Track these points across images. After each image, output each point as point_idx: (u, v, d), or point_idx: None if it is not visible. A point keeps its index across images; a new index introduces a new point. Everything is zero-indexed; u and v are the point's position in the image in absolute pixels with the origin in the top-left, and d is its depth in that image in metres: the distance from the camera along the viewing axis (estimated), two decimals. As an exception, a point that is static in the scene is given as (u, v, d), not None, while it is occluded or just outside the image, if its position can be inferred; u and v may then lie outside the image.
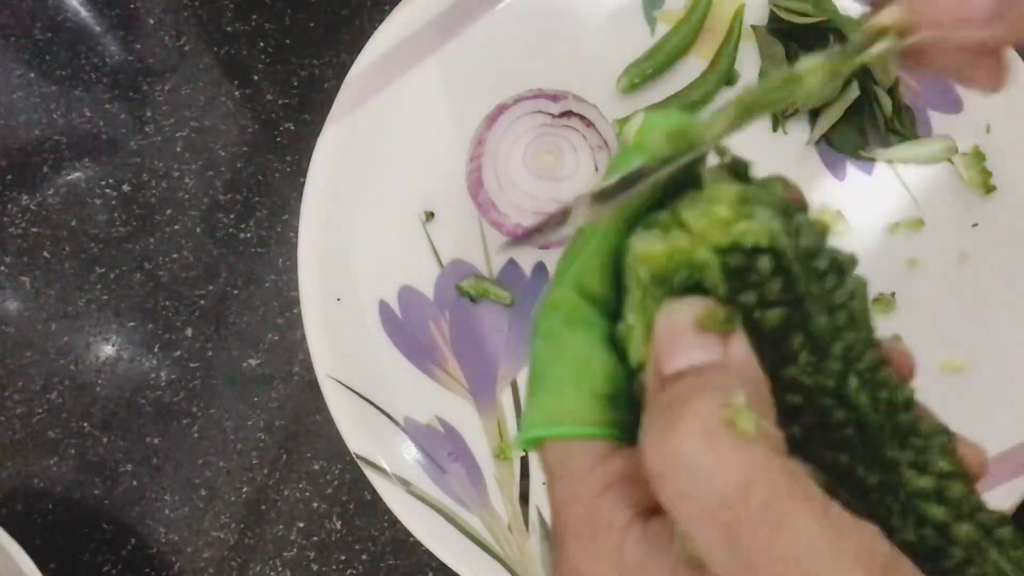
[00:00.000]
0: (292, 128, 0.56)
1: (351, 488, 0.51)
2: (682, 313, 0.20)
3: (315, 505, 0.51)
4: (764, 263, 0.20)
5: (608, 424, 0.21)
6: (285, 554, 0.50)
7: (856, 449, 0.21)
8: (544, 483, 0.23)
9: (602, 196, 0.22)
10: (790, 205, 0.22)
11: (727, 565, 0.17)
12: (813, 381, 0.20)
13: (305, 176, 0.50)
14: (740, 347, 0.20)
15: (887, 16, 0.24)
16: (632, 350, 0.21)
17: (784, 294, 0.20)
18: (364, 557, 0.51)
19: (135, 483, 0.51)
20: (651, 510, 0.20)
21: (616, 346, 0.22)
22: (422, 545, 0.46)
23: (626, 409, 0.22)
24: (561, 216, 0.22)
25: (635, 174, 0.22)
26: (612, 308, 0.23)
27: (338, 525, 0.51)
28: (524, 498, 0.48)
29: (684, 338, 0.20)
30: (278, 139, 0.56)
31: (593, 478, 0.20)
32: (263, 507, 0.51)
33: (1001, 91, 0.27)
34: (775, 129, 0.53)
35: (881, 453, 0.21)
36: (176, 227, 0.55)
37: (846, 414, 0.21)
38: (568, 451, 0.21)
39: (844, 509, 0.17)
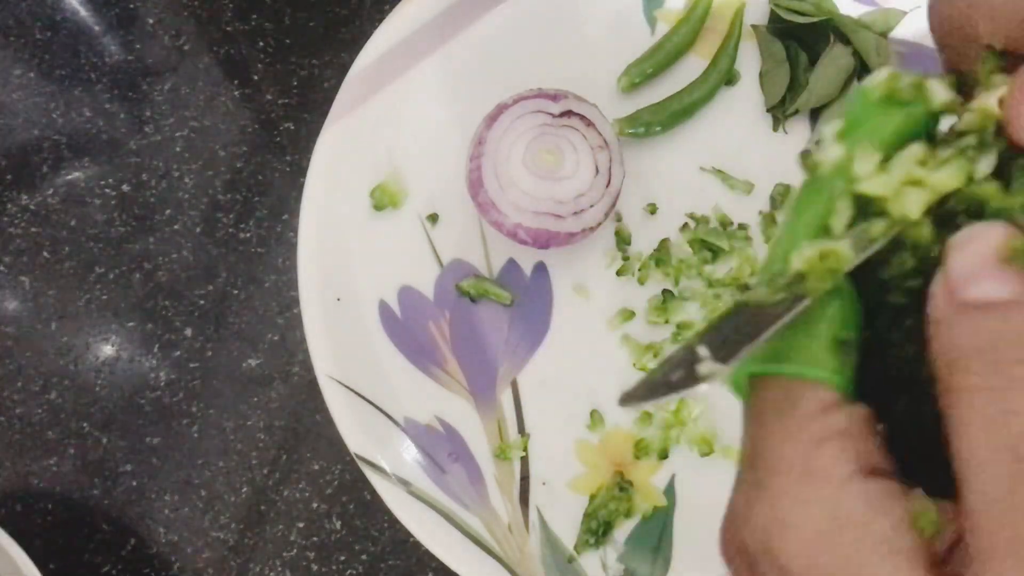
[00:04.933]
0: (292, 128, 0.56)
1: (351, 488, 0.51)
2: (991, 239, 0.19)
3: (315, 505, 0.51)
4: None
5: (837, 371, 0.21)
6: (285, 554, 0.50)
7: None
8: (745, 420, 0.22)
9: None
10: None
11: (1001, 499, 0.17)
12: None
13: (305, 176, 0.50)
14: None
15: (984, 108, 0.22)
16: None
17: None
18: (364, 557, 0.50)
19: (135, 483, 0.51)
20: (871, 471, 0.20)
21: (857, 293, 0.21)
22: (422, 545, 0.46)
23: (853, 360, 0.21)
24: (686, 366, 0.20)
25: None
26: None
27: (338, 525, 0.51)
28: (524, 499, 0.48)
29: (990, 266, 0.19)
30: (278, 139, 0.56)
31: (817, 424, 0.20)
32: (263, 507, 0.51)
33: None
34: (776, 129, 0.53)
35: None
36: (176, 227, 0.55)
37: None
38: (792, 391, 0.21)
39: None
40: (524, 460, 0.49)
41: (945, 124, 0.24)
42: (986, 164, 0.21)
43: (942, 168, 0.21)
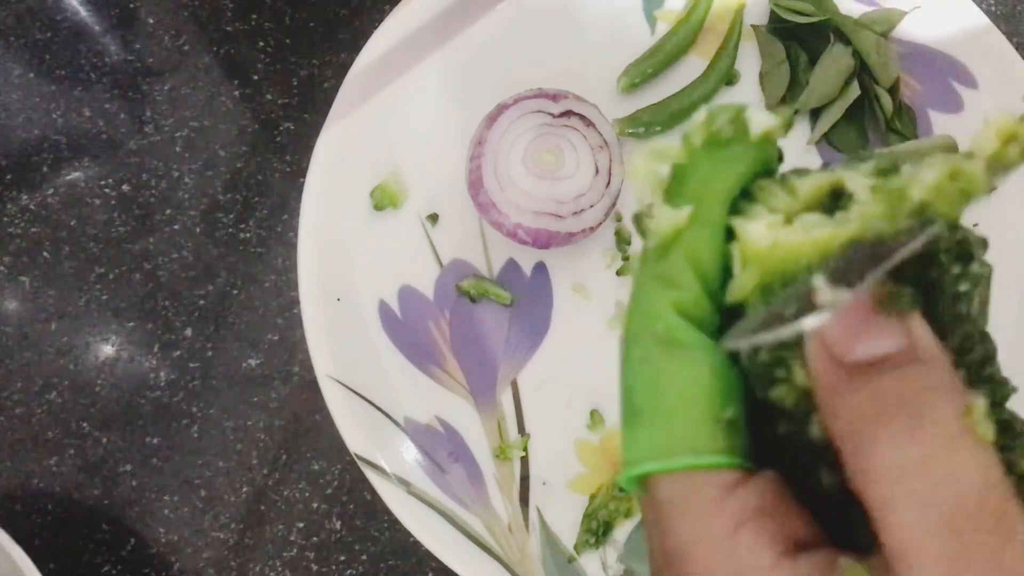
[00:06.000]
0: (292, 128, 0.56)
1: (351, 488, 0.51)
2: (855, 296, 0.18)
3: (315, 505, 0.51)
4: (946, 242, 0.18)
5: (729, 452, 0.19)
6: (285, 554, 0.50)
7: None
8: (645, 522, 0.20)
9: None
10: None
11: None
12: None
13: (305, 176, 0.50)
14: (923, 329, 0.18)
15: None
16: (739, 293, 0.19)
17: (920, 275, 0.19)
18: (364, 557, 0.50)
19: (135, 483, 0.51)
20: (793, 546, 0.18)
21: (730, 363, 0.20)
22: (422, 545, 0.46)
23: (742, 433, 0.20)
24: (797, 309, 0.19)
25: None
26: (715, 324, 0.20)
27: (338, 525, 0.51)
28: (524, 499, 0.48)
29: (866, 321, 0.18)
30: (278, 139, 0.56)
31: (724, 514, 0.19)
32: (263, 507, 0.51)
33: None
34: (775, 129, 0.53)
35: None
36: (176, 227, 0.55)
37: None
38: (689, 484, 0.19)
39: None
40: (524, 460, 0.49)
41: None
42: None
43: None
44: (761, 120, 0.21)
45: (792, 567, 0.18)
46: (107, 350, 0.53)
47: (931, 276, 0.19)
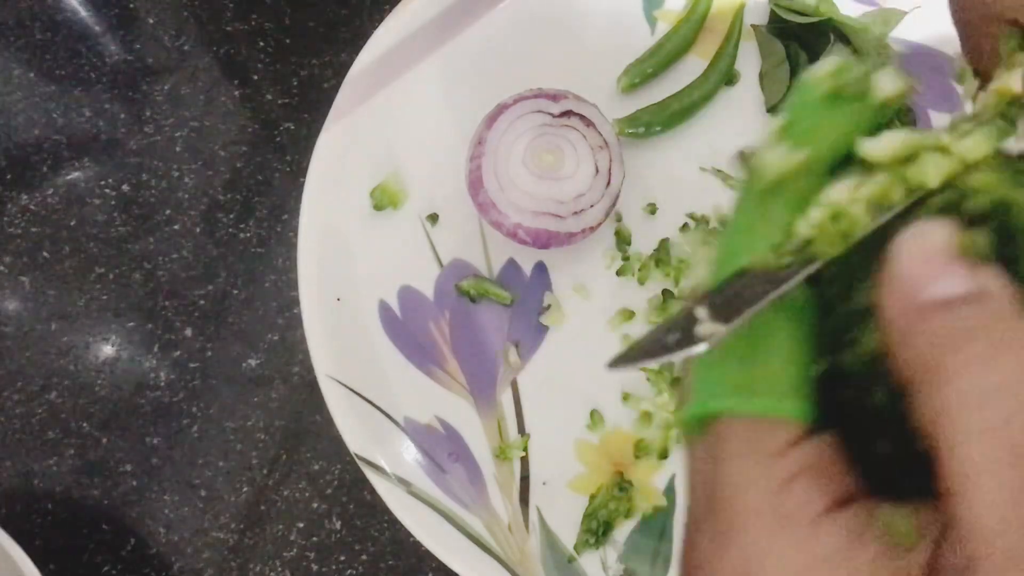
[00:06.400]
0: (292, 128, 0.56)
1: (351, 488, 0.51)
2: (939, 235, 0.18)
3: (315, 505, 0.51)
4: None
5: (806, 405, 0.20)
6: (285, 554, 0.50)
7: None
8: (691, 468, 0.21)
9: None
10: None
11: (1000, 511, 0.16)
12: None
13: (305, 176, 0.50)
14: (1000, 279, 0.18)
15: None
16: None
17: (1002, 224, 0.19)
18: (364, 557, 0.50)
19: (135, 483, 0.51)
20: (841, 503, 0.19)
21: (810, 325, 0.20)
22: (422, 545, 0.46)
23: (813, 390, 0.20)
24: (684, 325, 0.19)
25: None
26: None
27: (338, 525, 0.51)
28: (524, 499, 0.48)
29: (942, 263, 0.18)
30: (278, 139, 0.56)
31: (784, 462, 0.19)
32: (263, 507, 0.51)
33: None
34: (775, 129, 0.53)
35: None
36: (176, 227, 0.55)
37: None
38: (753, 431, 0.19)
39: None
40: (524, 460, 0.49)
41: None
42: (1011, 142, 0.20)
43: (967, 137, 0.20)
44: (890, 83, 0.21)
45: (837, 518, 0.18)
46: (107, 350, 0.53)
47: (1013, 225, 0.19)
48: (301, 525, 0.51)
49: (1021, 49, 0.21)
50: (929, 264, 0.18)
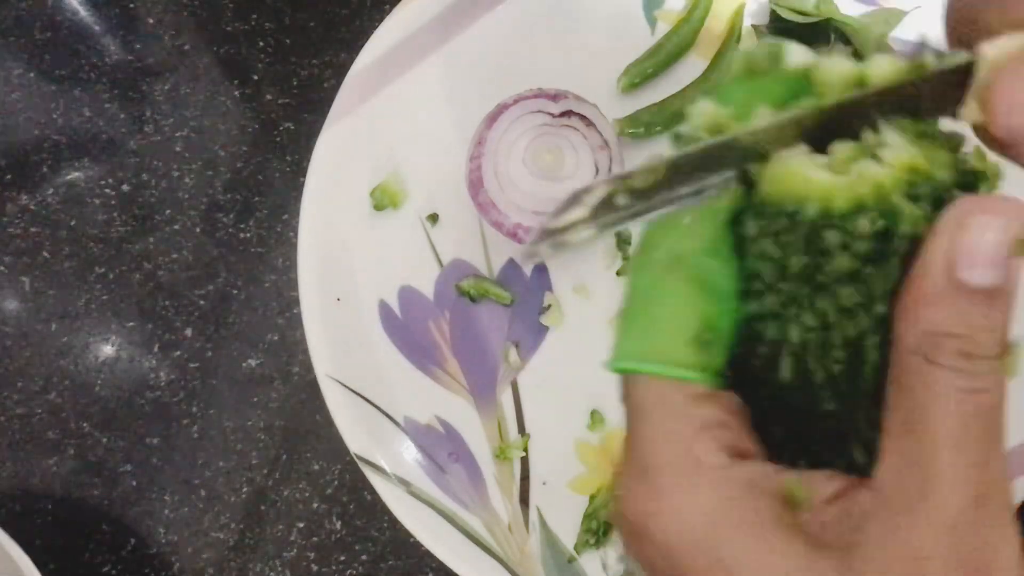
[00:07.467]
0: (292, 128, 0.56)
1: (351, 488, 0.51)
2: (1011, 227, 0.19)
3: (315, 505, 0.51)
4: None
5: (701, 368, 0.22)
6: (285, 554, 0.50)
7: None
8: (625, 418, 0.23)
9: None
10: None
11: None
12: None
13: (305, 176, 0.50)
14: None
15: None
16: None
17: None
18: (364, 557, 0.50)
19: (135, 483, 0.51)
20: (744, 456, 0.21)
21: (714, 290, 0.22)
22: (422, 545, 0.46)
23: (720, 357, 0.22)
24: (573, 199, 0.22)
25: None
26: (729, 246, 0.23)
27: (338, 525, 0.51)
28: (524, 499, 0.48)
29: (1000, 254, 0.19)
30: (278, 139, 0.56)
31: (689, 418, 0.21)
32: (263, 507, 0.51)
33: None
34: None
35: None
36: (176, 227, 0.55)
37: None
38: (662, 389, 0.22)
39: None
40: (524, 460, 0.49)
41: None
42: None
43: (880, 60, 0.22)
44: (797, 54, 0.23)
45: (741, 467, 0.21)
46: (107, 350, 0.53)
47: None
48: (301, 525, 0.51)
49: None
50: (988, 250, 0.19)
